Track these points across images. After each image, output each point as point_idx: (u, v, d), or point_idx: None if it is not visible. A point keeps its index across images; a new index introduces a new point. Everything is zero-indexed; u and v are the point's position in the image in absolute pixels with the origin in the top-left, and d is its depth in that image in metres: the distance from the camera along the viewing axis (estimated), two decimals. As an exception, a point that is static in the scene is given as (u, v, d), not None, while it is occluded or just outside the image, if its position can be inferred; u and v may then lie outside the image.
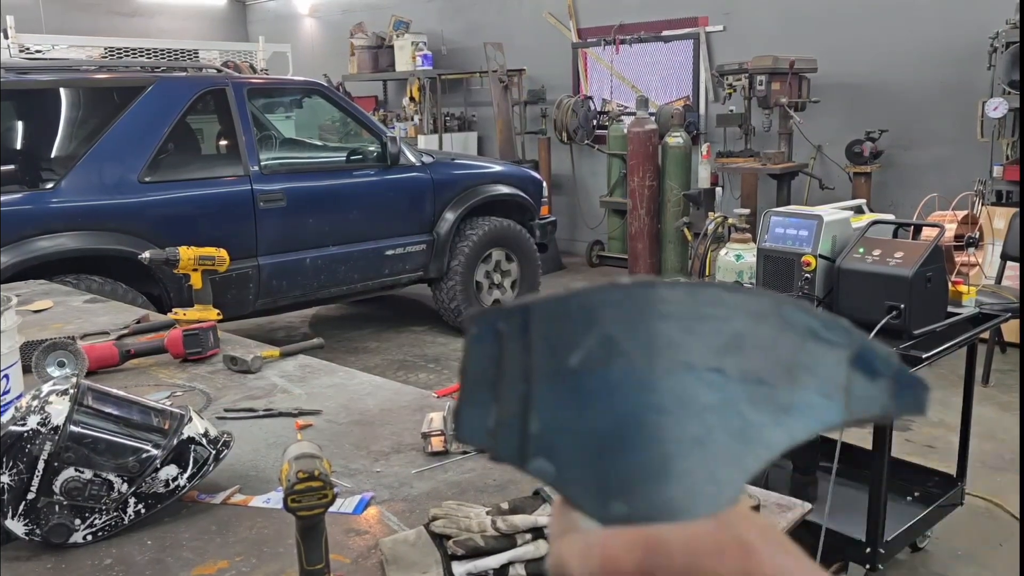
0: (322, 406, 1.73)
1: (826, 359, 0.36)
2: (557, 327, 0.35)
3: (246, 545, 1.20)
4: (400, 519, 1.27)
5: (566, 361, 0.35)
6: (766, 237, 2.52)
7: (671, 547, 0.33)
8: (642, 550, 0.34)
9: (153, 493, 1.25)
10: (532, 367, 0.35)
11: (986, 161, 5.23)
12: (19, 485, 1.17)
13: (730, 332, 0.35)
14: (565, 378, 0.35)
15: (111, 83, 4.13)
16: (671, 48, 7.15)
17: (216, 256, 2.41)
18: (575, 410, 0.35)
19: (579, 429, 0.35)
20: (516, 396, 0.35)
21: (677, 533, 0.34)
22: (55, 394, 1.25)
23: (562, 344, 0.35)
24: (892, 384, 0.37)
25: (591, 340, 0.35)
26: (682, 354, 0.35)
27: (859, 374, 0.37)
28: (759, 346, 0.36)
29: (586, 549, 0.34)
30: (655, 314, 0.35)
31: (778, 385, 0.36)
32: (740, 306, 0.36)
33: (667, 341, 0.35)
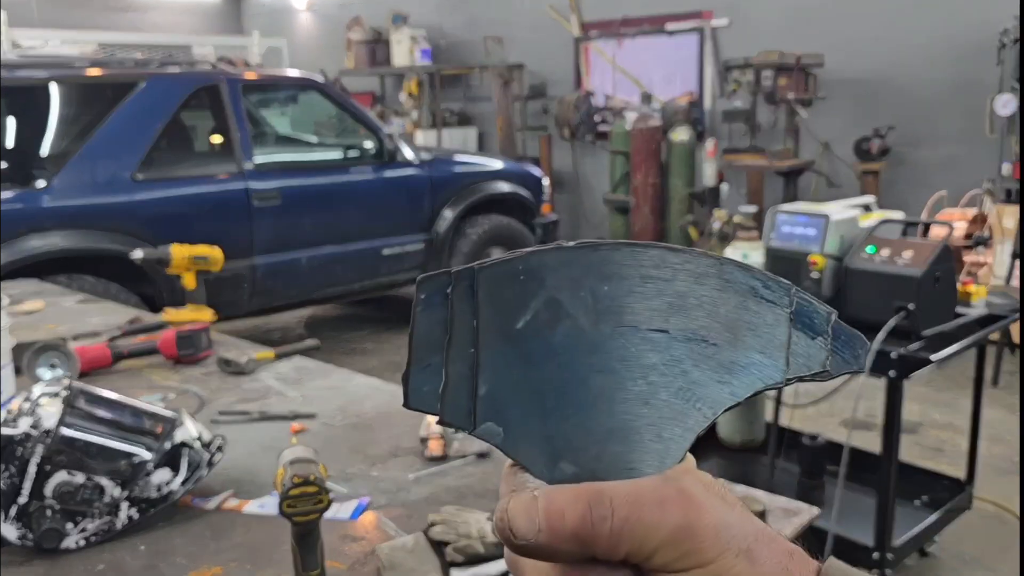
0: (318, 409, 1.71)
1: (767, 317, 0.37)
2: (504, 290, 0.36)
3: (240, 551, 1.19)
4: (398, 525, 1.25)
5: (513, 324, 0.36)
6: (773, 236, 2.51)
7: (614, 499, 0.35)
8: (585, 503, 0.35)
9: (146, 498, 1.23)
10: (480, 330, 0.36)
11: (996, 158, 5.21)
12: (10, 489, 1.16)
13: (673, 292, 0.36)
14: (512, 341, 0.36)
15: (104, 79, 4.10)
16: (675, 42, 7.12)
17: (210, 255, 2.39)
18: (522, 372, 0.36)
19: (526, 391, 0.36)
20: (464, 360, 0.36)
21: (621, 487, 0.35)
22: (47, 396, 1.23)
23: (509, 307, 0.36)
24: (831, 340, 0.38)
25: (537, 303, 0.36)
26: (626, 315, 0.36)
27: (799, 331, 0.37)
28: (701, 306, 0.37)
29: (531, 504, 0.35)
30: (599, 276, 0.36)
31: (720, 344, 0.37)
32: (682, 267, 0.37)
33: (611, 303, 0.36)
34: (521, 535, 0.35)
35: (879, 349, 2.20)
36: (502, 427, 0.37)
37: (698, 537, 0.35)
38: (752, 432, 2.92)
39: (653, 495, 0.35)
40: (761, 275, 0.37)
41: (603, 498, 0.35)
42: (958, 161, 5.67)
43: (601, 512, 0.34)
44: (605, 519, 0.34)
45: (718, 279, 0.37)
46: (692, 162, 6.34)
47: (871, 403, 3.33)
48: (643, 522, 0.34)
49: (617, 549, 0.35)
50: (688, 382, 0.37)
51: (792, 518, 1.21)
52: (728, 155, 6.28)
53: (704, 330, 0.37)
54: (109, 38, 8.31)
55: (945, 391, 4.06)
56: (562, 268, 0.36)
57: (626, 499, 0.35)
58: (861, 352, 0.38)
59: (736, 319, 0.37)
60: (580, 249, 0.36)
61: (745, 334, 0.37)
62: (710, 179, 6.17)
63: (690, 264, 0.37)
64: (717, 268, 0.37)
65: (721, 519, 0.36)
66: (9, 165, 3.87)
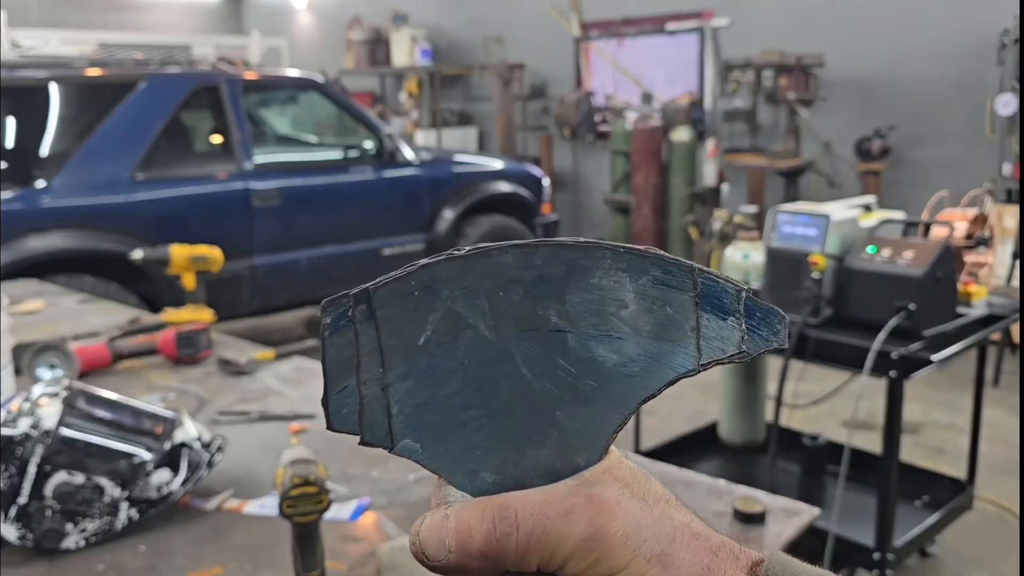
0: (318, 409, 1.70)
1: (671, 304, 0.36)
2: (401, 307, 0.36)
3: (240, 551, 1.18)
4: (398, 525, 1.25)
5: (415, 340, 0.36)
6: (773, 235, 2.50)
7: (519, 512, 0.35)
8: (491, 520, 0.35)
9: (145, 498, 1.23)
10: (384, 350, 0.36)
11: (996, 158, 5.21)
12: (10, 489, 1.16)
13: (572, 289, 0.35)
14: (417, 357, 0.36)
15: (103, 79, 4.09)
16: (676, 42, 7.11)
17: (209, 255, 2.38)
18: (432, 387, 0.36)
19: (439, 405, 0.36)
20: (375, 380, 0.36)
21: (528, 498, 0.35)
22: (46, 397, 1.23)
23: (409, 323, 0.36)
24: (744, 319, 0.36)
25: (435, 316, 0.36)
26: (525, 319, 0.36)
27: (708, 314, 0.36)
28: (603, 300, 0.36)
29: (441, 525, 0.36)
30: (494, 282, 0.35)
31: (626, 337, 0.36)
32: (576, 262, 0.36)
33: (508, 308, 0.36)
34: (433, 557, 0.36)
35: (879, 349, 2.20)
36: (419, 443, 0.37)
37: (606, 544, 0.35)
38: (752, 432, 2.92)
39: (560, 505, 0.35)
40: (658, 260, 0.36)
41: (508, 513, 0.35)
42: (959, 161, 5.67)
43: (505, 528, 0.35)
44: (510, 534, 0.35)
45: (615, 270, 0.36)
46: (693, 162, 6.33)
47: (872, 403, 3.33)
48: (549, 534, 0.35)
49: (526, 562, 0.35)
50: (599, 380, 0.36)
51: (792, 518, 1.21)
52: (729, 155, 6.27)
53: (606, 325, 0.36)
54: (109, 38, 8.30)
55: (946, 391, 4.06)
56: (455, 279, 0.35)
57: (531, 512, 0.35)
58: (780, 327, 0.37)
59: (638, 310, 0.36)
60: (471, 257, 0.35)
61: (649, 324, 0.36)
62: (711, 179, 6.16)
63: (584, 259, 0.36)
64: (612, 259, 0.36)
65: (632, 524, 0.35)
66: (9, 165, 3.86)
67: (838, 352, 2.33)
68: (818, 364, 2.46)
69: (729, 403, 2.92)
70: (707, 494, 1.30)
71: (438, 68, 8.18)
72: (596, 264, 0.35)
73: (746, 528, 1.20)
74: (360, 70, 8.76)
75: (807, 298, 2.35)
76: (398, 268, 0.37)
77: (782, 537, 1.18)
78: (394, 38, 8.35)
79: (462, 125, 8.53)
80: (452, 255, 0.35)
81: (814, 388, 3.29)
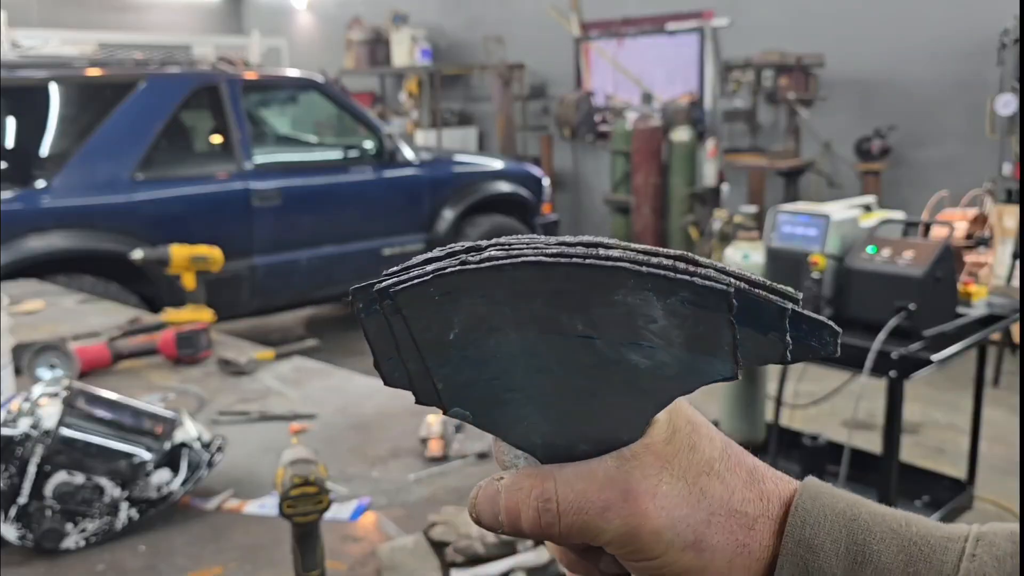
0: (318, 409, 1.71)
1: (705, 322, 0.35)
2: (425, 309, 0.36)
3: (241, 551, 1.18)
4: (398, 525, 1.25)
5: (445, 336, 0.36)
6: (773, 235, 2.50)
7: (561, 505, 0.38)
8: (535, 510, 0.38)
9: (145, 498, 1.23)
10: (417, 340, 0.37)
11: (996, 158, 5.21)
12: (10, 489, 1.15)
13: (594, 303, 0.35)
14: (450, 348, 0.37)
15: (103, 79, 4.09)
16: (676, 42, 7.11)
17: (209, 255, 2.38)
18: (470, 372, 0.37)
19: (481, 386, 0.38)
20: (415, 360, 0.37)
21: (569, 488, 0.38)
22: (46, 397, 1.23)
23: (436, 323, 0.36)
24: (789, 333, 0.36)
25: (460, 318, 0.36)
26: (551, 325, 0.35)
27: (747, 329, 0.35)
28: (629, 314, 0.35)
29: (494, 499, 0.39)
30: (513, 293, 0.35)
31: (657, 347, 0.36)
32: (597, 281, 0.34)
33: (532, 315, 0.35)
34: (488, 526, 0.40)
35: (880, 349, 2.20)
36: (469, 411, 0.39)
37: (640, 540, 0.37)
38: (753, 432, 2.92)
39: (598, 499, 0.37)
40: (687, 284, 0.34)
41: (550, 505, 0.38)
42: (959, 161, 5.67)
43: (548, 519, 0.38)
44: (553, 524, 0.38)
45: (640, 290, 0.34)
46: (693, 162, 6.33)
47: (872, 403, 3.33)
48: (588, 528, 0.38)
49: (570, 542, 0.39)
50: (632, 378, 0.36)
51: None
52: (729, 155, 6.27)
53: (635, 336, 0.35)
54: (109, 38, 8.30)
55: (946, 391, 4.06)
56: (473, 289, 0.35)
57: (571, 505, 0.37)
58: (829, 339, 0.37)
59: (668, 325, 0.35)
60: (483, 271, 0.35)
61: (681, 338, 0.35)
62: (711, 179, 6.16)
63: (604, 280, 0.34)
64: (636, 280, 0.34)
65: (666, 521, 0.37)
66: (9, 165, 3.86)
67: (838, 352, 2.33)
68: (818, 364, 2.46)
69: (729, 403, 2.92)
70: (707, 494, 1.30)
71: (438, 68, 8.18)
72: (619, 284, 0.34)
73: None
74: (360, 70, 8.76)
75: (807, 298, 2.35)
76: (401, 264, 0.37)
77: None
78: (394, 38, 8.35)
79: (462, 125, 8.53)
80: (464, 268, 0.35)
81: (814, 388, 3.29)
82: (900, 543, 0.38)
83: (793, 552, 0.38)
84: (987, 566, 0.36)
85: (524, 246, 0.35)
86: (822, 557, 0.38)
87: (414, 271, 0.36)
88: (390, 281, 0.36)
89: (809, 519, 0.38)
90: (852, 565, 0.37)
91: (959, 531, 0.38)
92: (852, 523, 0.38)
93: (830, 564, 0.37)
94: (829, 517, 0.38)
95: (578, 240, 0.35)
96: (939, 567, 0.37)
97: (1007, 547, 0.37)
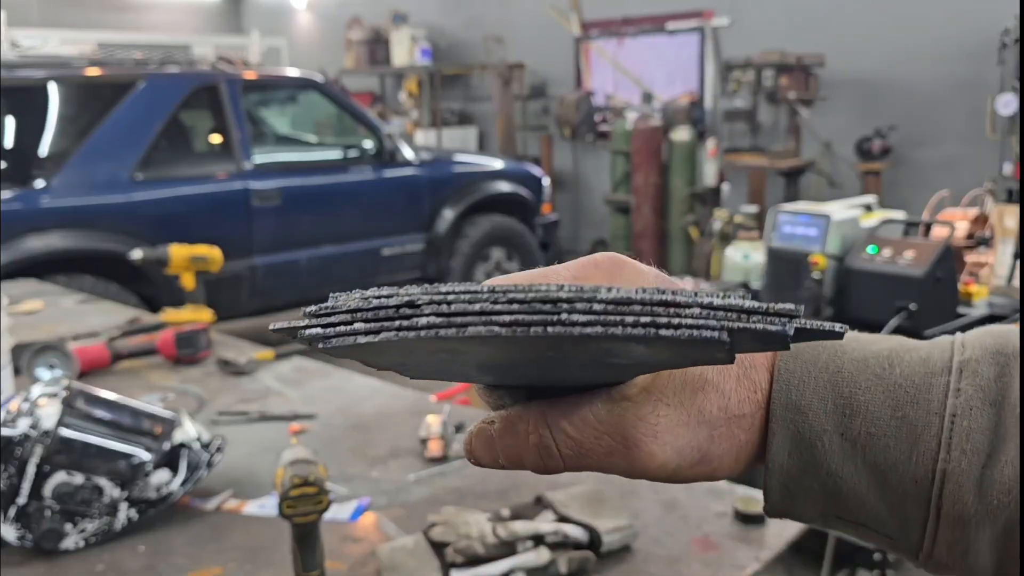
0: (318, 409, 1.71)
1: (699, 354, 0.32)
2: (361, 353, 0.33)
3: (240, 551, 1.18)
4: (398, 525, 1.25)
5: (395, 363, 0.35)
6: (774, 235, 2.51)
7: (563, 451, 0.37)
8: (537, 455, 0.37)
9: (145, 498, 1.23)
10: (367, 362, 0.35)
11: (997, 158, 5.21)
12: (9, 489, 1.15)
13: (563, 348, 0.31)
14: (404, 365, 0.36)
15: (103, 79, 4.09)
16: (676, 42, 7.11)
17: (209, 255, 2.38)
18: (434, 368, 0.36)
19: (448, 371, 0.37)
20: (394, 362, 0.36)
21: (566, 434, 0.37)
22: (45, 397, 1.23)
23: (379, 358, 0.34)
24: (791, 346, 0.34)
25: (406, 358, 0.34)
26: (513, 354, 0.33)
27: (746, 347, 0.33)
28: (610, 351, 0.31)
29: (489, 443, 0.38)
30: (462, 349, 0.32)
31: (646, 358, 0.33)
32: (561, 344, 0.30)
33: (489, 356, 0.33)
34: (486, 465, 0.39)
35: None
36: (439, 379, 0.39)
37: (649, 472, 0.38)
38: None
39: (598, 447, 0.37)
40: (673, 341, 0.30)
41: (552, 452, 0.37)
42: (959, 161, 5.67)
43: (553, 464, 0.38)
44: (557, 467, 0.38)
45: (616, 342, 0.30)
46: (693, 162, 6.33)
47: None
48: (592, 468, 0.38)
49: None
50: (612, 371, 0.35)
51: (793, 519, 1.21)
52: (729, 155, 6.27)
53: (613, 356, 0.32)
54: (108, 38, 8.30)
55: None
56: (413, 346, 0.31)
57: (573, 453, 0.37)
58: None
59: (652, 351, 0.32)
60: (421, 340, 0.30)
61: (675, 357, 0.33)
62: (711, 179, 6.16)
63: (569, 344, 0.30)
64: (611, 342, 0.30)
65: (670, 453, 0.37)
66: (8, 165, 3.86)
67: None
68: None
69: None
70: (707, 494, 1.30)
71: (438, 68, 8.18)
72: (591, 343, 0.30)
73: (746, 528, 1.20)
74: (360, 70, 8.76)
75: (807, 298, 2.36)
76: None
77: (782, 537, 1.18)
78: (394, 38, 8.34)
79: (462, 125, 8.53)
80: (396, 336, 0.30)
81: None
82: (885, 388, 0.38)
83: (783, 417, 0.38)
84: (972, 399, 0.36)
85: (466, 308, 0.30)
86: (811, 416, 0.38)
87: (339, 324, 0.32)
88: (315, 332, 0.32)
89: (793, 380, 0.39)
90: (841, 418, 0.38)
91: (942, 361, 0.38)
92: (836, 376, 0.38)
93: (820, 421, 0.38)
94: (812, 374, 0.38)
95: (532, 295, 0.29)
96: (926, 406, 0.37)
97: (990, 371, 0.36)
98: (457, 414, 1.60)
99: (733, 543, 1.17)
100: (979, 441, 0.36)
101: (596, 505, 1.18)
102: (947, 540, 0.37)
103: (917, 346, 0.39)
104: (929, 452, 0.36)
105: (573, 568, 1.08)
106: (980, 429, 0.36)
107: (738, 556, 1.14)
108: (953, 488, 0.36)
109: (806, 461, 0.38)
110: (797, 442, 0.38)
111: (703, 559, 1.13)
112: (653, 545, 1.16)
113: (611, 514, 1.16)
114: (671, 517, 1.24)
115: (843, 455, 0.38)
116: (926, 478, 0.36)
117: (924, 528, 0.37)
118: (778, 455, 0.38)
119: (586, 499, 1.20)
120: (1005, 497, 0.35)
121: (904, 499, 0.37)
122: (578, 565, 1.09)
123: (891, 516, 0.38)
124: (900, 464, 0.37)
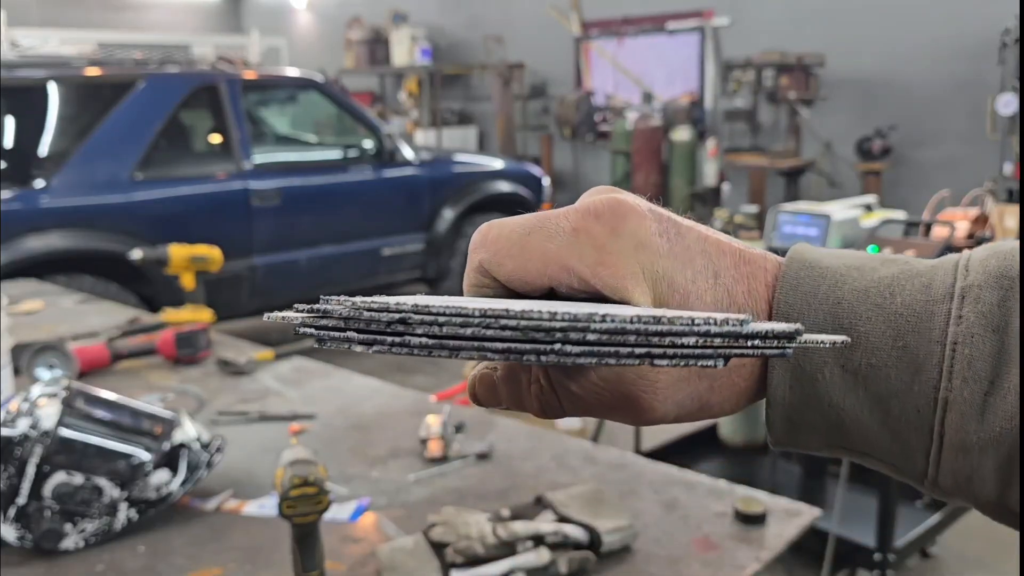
0: (317, 409, 1.71)
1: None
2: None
3: (240, 552, 1.18)
4: (398, 526, 1.24)
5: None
6: (774, 235, 2.51)
7: (567, 408, 0.38)
8: (540, 404, 0.39)
9: (145, 499, 1.23)
10: None
11: (997, 158, 5.21)
12: (9, 490, 1.15)
13: None
14: None
15: (102, 79, 4.09)
16: (676, 41, 7.11)
17: (208, 255, 2.38)
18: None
19: None
20: None
21: (568, 392, 0.38)
22: (45, 397, 1.23)
23: None
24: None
25: None
26: None
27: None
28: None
29: (492, 388, 0.40)
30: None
31: None
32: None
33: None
34: (488, 406, 0.40)
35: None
36: None
37: (653, 422, 0.39)
38: (754, 432, 2.92)
39: (598, 404, 0.38)
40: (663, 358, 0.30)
41: (554, 404, 0.38)
42: (960, 161, 5.67)
43: (553, 412, 0.39)
44: (559, 415, 0.39)
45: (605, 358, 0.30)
46: (693, 162, 6.33)
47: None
48: (594, 416, 0.39)
49: None
50: None
51: (793, 519, 1.21)
52: (729, 155, 6.28)
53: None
54: (108, 37, 8.30)
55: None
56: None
57: (576, 408, 0.38)
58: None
59: None
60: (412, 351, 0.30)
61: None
62: (711, 179, 6.16)
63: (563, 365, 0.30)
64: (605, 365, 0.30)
65: (670, 407, 0.38)
66: (8, 165, 3.86)
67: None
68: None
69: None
70: (708, 494, 1.30)
71: (438, 68, 8.18)
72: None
73: (747, 529, 1.20)
74: (360, 70, 8.76)
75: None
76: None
77: (782, 537, 1.18)
78: (394, 38, 8.34)
79: (462, 125, 8.53)
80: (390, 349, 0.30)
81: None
82: (886, 317, 0.37)
83: None
84: (974, 326, 0.35)
85: (458, 332, 0.29)
86: (811, 349, 0.37)
87: (332, 329, 0.31)
88: (310, 332, 0.32)
89: (792, 314, 0.38)
90: (841, 349, 0.37)
91: (944, 287, 0.37)
92: (836, 307, 0.38)
93: (820, 354, 0.38)
94: (812, 305, 0.38)
95: (525, 323, 0.29)
96: (927, 335, 0.36)
97: (992, 296, 0.35)
98: (457, 414, 1.60)
99: (733, 543, 1.17)
100: (981, 368, 0.35)
101: (596, 505, 1.18)
102: (951, 468, 0.36)
103: (920, 271, 0.38)
104: (931, 381, 0.36)
105: (573, 568, 1.08)
106: (982, 356, 0.35)
107: (738, 556, 1.13)
108: (955, 416, 0.35)
109: (807, 394, 0.38)
110: (798, 376, 0.38)
111: (703, 559, 1.13)
112: (653, 545, 1.16)
113: (611, 514, 1.16)
114: (671, 517, 1.24)
115: (844, 387, 0.37)
116: (928, 407, 0.36)
117: (928, 456, 0.36)
118: (779, 389, 0.38)
119: (586, 499, 1.20)
120: (1008, 424, 0.34)
121: (907, 428, 0.36)
122: (578, 565, 1.09)
123: (894, 445, 0.37)
124: (902, 394, 0.36)
